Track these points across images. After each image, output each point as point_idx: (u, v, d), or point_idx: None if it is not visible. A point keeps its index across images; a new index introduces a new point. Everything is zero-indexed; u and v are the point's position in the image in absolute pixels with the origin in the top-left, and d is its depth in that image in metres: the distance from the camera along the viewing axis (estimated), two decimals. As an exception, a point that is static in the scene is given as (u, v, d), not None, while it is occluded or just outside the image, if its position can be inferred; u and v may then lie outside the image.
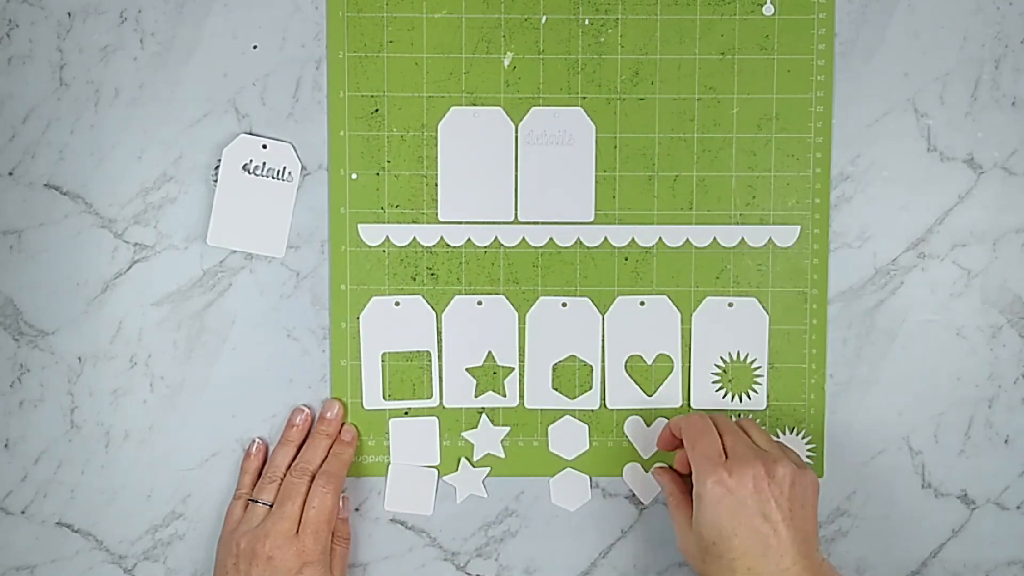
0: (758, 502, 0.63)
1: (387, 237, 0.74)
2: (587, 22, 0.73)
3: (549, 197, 0.74)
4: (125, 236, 0.74)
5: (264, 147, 0.73)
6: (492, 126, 0.73)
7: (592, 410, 0.75)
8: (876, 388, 0.75)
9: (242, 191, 0.73)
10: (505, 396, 0.75)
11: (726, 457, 0.65)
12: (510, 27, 0.73)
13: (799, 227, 0.74)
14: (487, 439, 0.75)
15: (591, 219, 0.74)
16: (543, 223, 0.74)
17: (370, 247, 0.74)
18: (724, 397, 0.75)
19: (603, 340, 0.75)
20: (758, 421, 0.75)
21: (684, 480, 0.71)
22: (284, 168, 0.73)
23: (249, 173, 0.73)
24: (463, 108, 0.73)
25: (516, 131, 0.74)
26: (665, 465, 0.74)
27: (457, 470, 0.75)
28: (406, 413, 0.75)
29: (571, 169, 0.73)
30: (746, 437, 0.67)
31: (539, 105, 0.73)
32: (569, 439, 0.75)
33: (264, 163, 0.73)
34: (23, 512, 0.75)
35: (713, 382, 0.75)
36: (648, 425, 0.75)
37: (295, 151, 0.73)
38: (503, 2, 0.73)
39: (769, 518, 0.63)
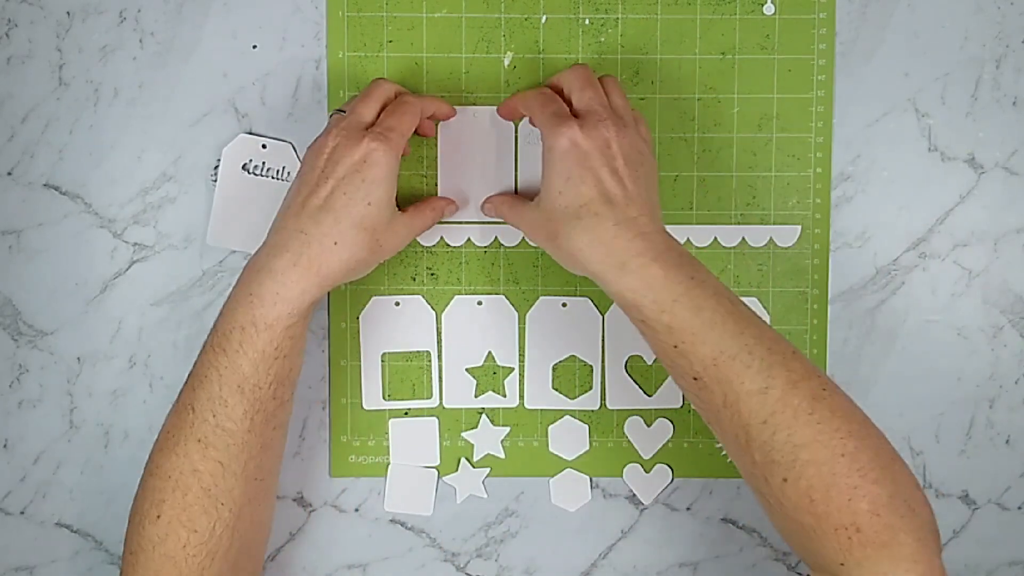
0: (606, 157, 0.61)
1: (387, 237, 0.74)
2: (587, 22, 0.73)
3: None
4: (125, 236, 0.74)
5: (264, 147, 0.73)
6: (492, 126, 0.73)
7: (592, 410, 0.75)
8: (876, 388, 0.75)
9: (242, 191, 0.73)
10: (505, 396, 0.75)
11: (575, 115, 0.63)
12: (510, 27, 0.73)
13: (799, 227, 0.74)
14: (487, 439, 0.75)
15: None
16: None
17: (370, 247, 0.74)
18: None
19: (603, 340, 0.75)
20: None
21: (509, 194, 0.72)
22: (284, 168, 0.73)
23: (249, 173, 0.73)
24: (463, 107, 0.73)
25: (516, 131, 0.73)
26: (487, 198, 0.73)
27: (457, 470, 0.75)
28: (406, 413, 0.75)
29: None
30: (603, 95, 0.65)
31: (539, 105, 0.73)
32: (569, 439, 0.75)
33: (264, 163, 0.73)
34: (23, 512, 0.75)
35: (713, 382, 0.75)
36: (648, 425, 0.75)
37: (295, 151, 0.73)
38: (503, 2, 0.73)
39: (616, 172, 0.61)
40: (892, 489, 0.56)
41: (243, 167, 0.73)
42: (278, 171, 0.73)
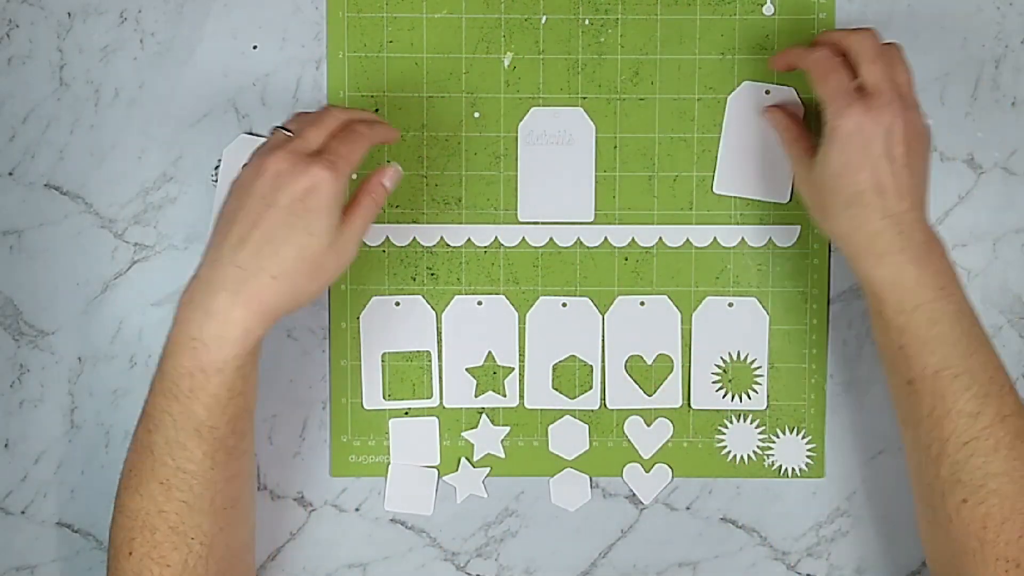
0: (888, 144, 0.61)
1: (387, 237, 0.74)
2: (587, 22, 0.73)
3: (549, 197, 0.74)
4: (125, 236, 0.74)
5: None
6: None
7: (592, 410, 0.75)
8: (876, 388, 0.75)
9: None
10: (505, 396, 0.75)
11: (862, 90, 0.62)
12: (510, 27, 0.73)
13: (799, 227, 0.74)
14: (487, 439, 0.75)
15: (591, 219, 0.74)
16: (543, 223, 0.74)
17: (370, 247, 0.74)
18: (724, 397, 0.75)
19: (603, 340, 0.75)
20: (757, 421, 0.75)
21: (799, 125, 0.70)
22: None
23: None
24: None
25: (516, 131, 0.74)
26: (776, 105, 0.72)
27: (457, 470, 0.75)
28: (406, 413, 0.75)
29: (571, 169, 0.73)
30: (886, 70, 0.63)
31: (539, 105, 0.73)
32: (569, 439, 0.75)
33: None
34: (23, 512, 0.75)
35: (713, 382, 0.75)
36: (648, 425, 0.75)
37: None
38: (503, 2, 0.73)
39: (895, 160, 0.61)
40: None
41: (243, 167, 0.73)
42: None
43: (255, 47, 0.74)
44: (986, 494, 0.59)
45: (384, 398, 0.75)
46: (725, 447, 0.75)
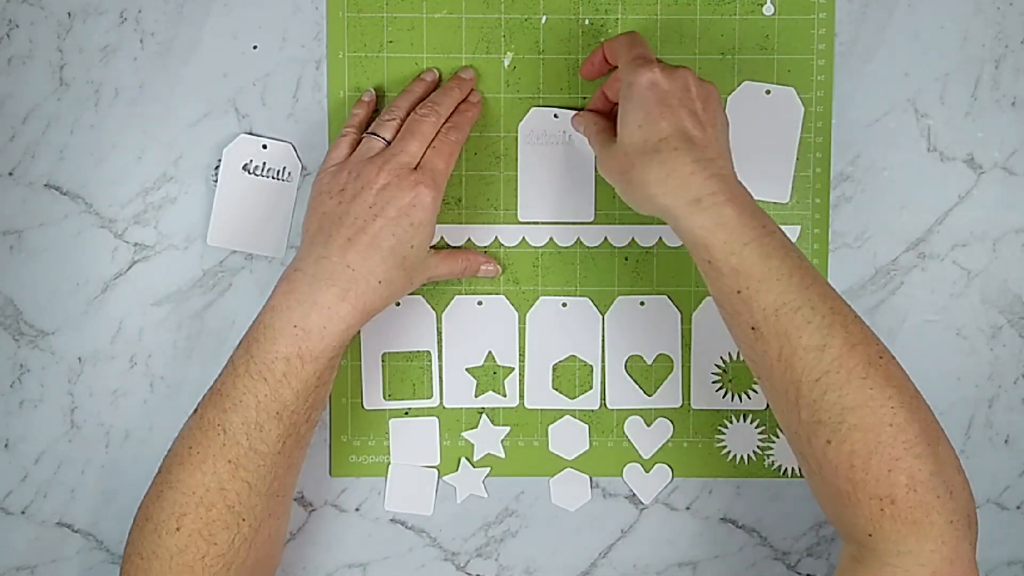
0: (685, 100, 0.61)
1: (387, 237, 0.74)
2: (587, 22, 0.73)
3: (549, 197, 0.74)
4: (125, 236, 0.74)
5: (264, 147, 0.73)
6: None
7: (592, 410, 0.75)
8: (876, 388, 0.75)
9: (242, 191, 0.73)
10: (505, 396, 0.75)
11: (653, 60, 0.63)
12: (510, 27, 0.73)
13: (799, 227, 0.74)
14: (487, 439, 0.75)
15: (591, 219, 0.74)
16: (543, 223, 0.74)
17: (370, 247, 0.74)
18: (724, 397, 0.75)
19: (603, 340, 0.75)
20: (757, 421, 0.75)
21: (604, 117, 0.69)
22: (284, 168, 0.73)
23: (249, 173, 0.73)
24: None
25: (517, 131, 0.73)
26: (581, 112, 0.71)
27: (457, 470, 0.75)
28: (406, 413, 0.75)
29: (571, 169, 0.73)
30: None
31: (539, 105, 0.73)
32: (569, 439, 0.75)
33: (264, 163, 0.73)
34: (23, 512, 0.75)
35: (713, 382, 0.75)
36: (648, 425, 0.75)
37: (295, 151, 0.73)
38: (503, 2, 0.73)
39: (696, 115, 0.61)
40: (933, 467, 0.56)
41: (243, 167, 0.73)
42: (278, 171, 0.73)
43: (255, 47, 0.74)
44: (847, 430, 0.56)
45: (384, 398, 0.75)
46: (725, 447, 0.75)
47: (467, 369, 0.75)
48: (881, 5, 0.74)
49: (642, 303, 0.74)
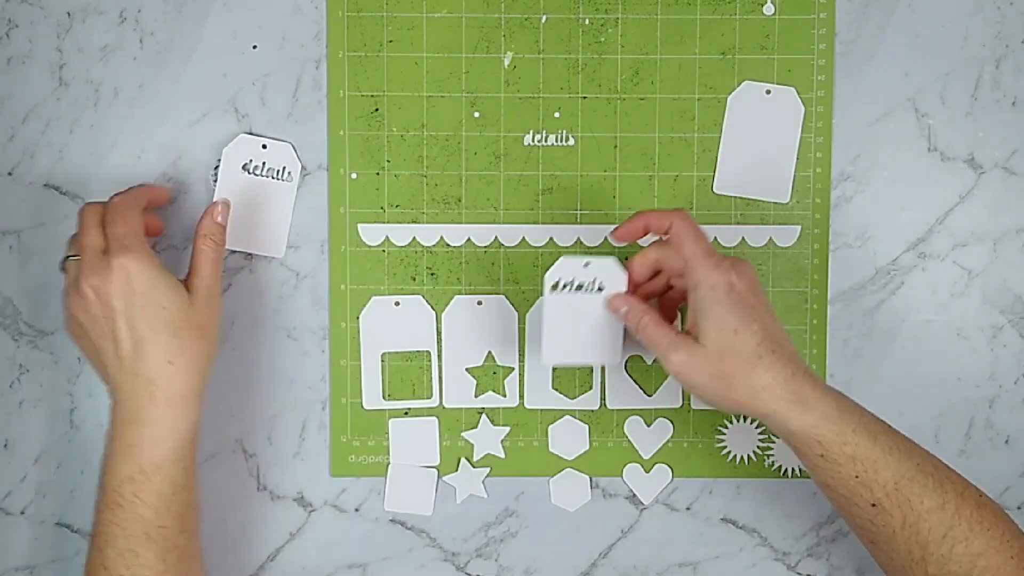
0: (760, 297, 0.63)
1: (387, 237, 0.74)
2: (587, 22, 0.73)
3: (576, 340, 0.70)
4: (125, 236, 0.74)
5: (264, 147, 0.73)
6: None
7: (592, 410, 0.75)
8: (876, 388, 0.75)
9: (242, 191, 0.73)
10: (505, 396, 0.75)
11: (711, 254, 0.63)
12: (510, 27, 0.73)
13: (799, 227, 0.74)
14: (487, 439, 0.75)
15: (617, 360, 0.71)
16: (543, 223, 0.74)
17: (370, 247, 0.74)
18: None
19: (603, 340, 0.75)
20: (757, 422, 0.75)
21: (656, 309, 0.68)
22: (284, 168, 0.73)
23: (249, 173, 0.73)
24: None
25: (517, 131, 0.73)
26: (619, 296, 0.66)
27: (457, 470, 0.75)
28: (406, 413, 0.75)
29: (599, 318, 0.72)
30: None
31: (539, 105, 0.73)
32: (569, 439, 0.75)
33: (264, 163, 0.73)
34: (23, 512, 0.75)
35: (713, 382, 0.75)
36: (648, 425, 0.75)
37: (295, 151, 0.73)
38: (503, 2, 0.73)
39: (769, 310, 0.63)
40: None
41: (243, 167, 0.73)
42: (278, 171, 0.73)
43: (255, 47, 0.74)
44: (979, 573, 0.60)
45: (384, 398, 0.75)
46: (725, 447, 0.75)
47: (467, 369, 0.75)
48: (881, 5, 0.74)
49: (642, 303, 0.74)
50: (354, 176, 0.74)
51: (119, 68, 0.73)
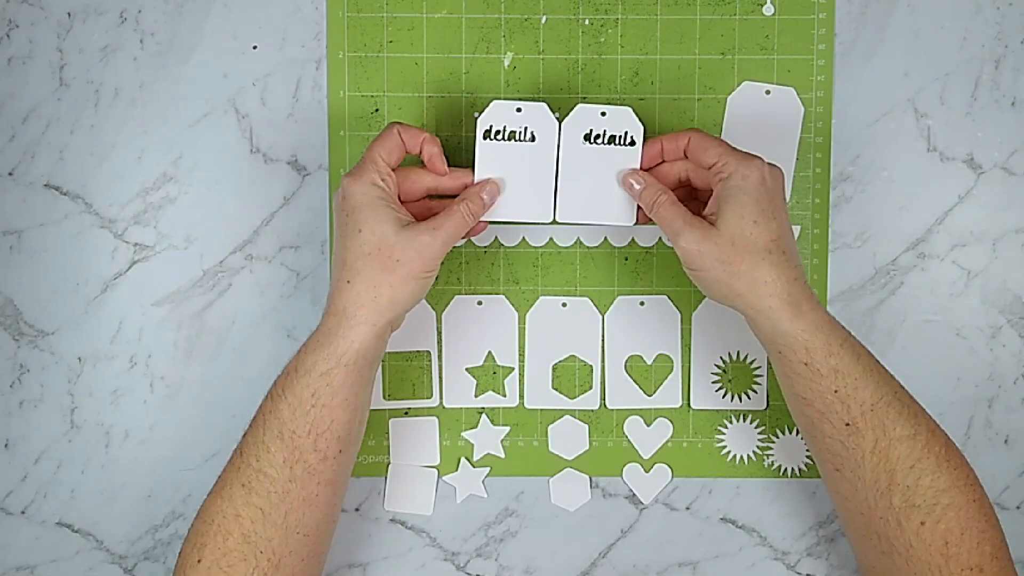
0: (783, 199, 0.64)
1: (387, 237, 0.74)
2: (587, 22, 0.73)
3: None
4: (125, 236, 0.74)
5: (519, 110, 0.67)
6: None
7: (592, 410, 0.75)
8: (876, 388, 0.75)
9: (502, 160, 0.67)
10: (505, 396, 0.75)
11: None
12: (510, 27, 0.73)
13: (799, 227, 0.74)
14: (487, 439, 0.75)
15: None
16: (543, 223, 0.74)
17: (370, 247, 0.74)
18: (724, 397, 0.75)
19: (603, 340, 0.75)
20: (757, 421, 0.75)
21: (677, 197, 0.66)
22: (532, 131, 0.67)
23: (504, 139, 0.67)
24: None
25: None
26: (641, 172, 0.67)
27: (457, 470, 0.75)
28: (406, 413, 0.75)
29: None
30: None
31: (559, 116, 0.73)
32: (569, 439, 0.75)
33: (524, 127, 0.67)
34: (23, 512, 0.75)
35: (713, 382, 0.75)
36: (648, 425, 0.75)
37: (549, 110, 0.73)
38: (503, 2, 0.73)
39: (787, 212, 0.64)
40: (1002, 533, 0.62)
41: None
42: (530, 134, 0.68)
43: (255, 47, 0.74)
44: (942, 511, 0.61)
45: (384, 398, 0.75)
46: (725, 447, 0.75)
47: (467, 369, 0.75)
48: (881, 5, 0.74)
49: (642, 303, 0.75)
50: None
51: (119, 68, 0.73)
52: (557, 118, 0.67)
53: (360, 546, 0.76)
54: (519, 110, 0.67)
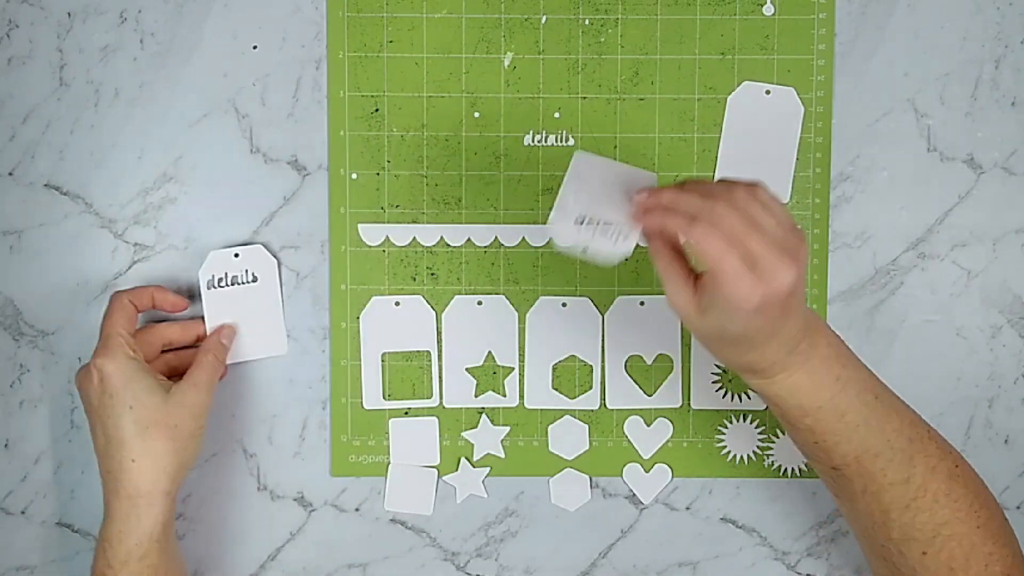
0: (785, 307, 0.55)
1: (387, 237, 0.74)
2: (587, 22, 0.73)
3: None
4: (125, 236, 0.74)
5: (236, 256, 0.73)
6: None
7: (592, 410, 0.75)
8: (876, 388, 0.75)
9: (229, 304, 0.73)
10: (505, 396, 0.75)
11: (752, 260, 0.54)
12: (510, 27, 0.73)
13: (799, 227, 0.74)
14: (487, 439, 0.75)
15: None
16: (543, 223, 0.74)
17: (370, 247, 0.74)
18: (724, 397, 0.75)
19: (603, 340, 0.75)
20: (757, 421, 0.75)
21: (678, 252, 0.58)
22: (253, 271, 0.73)
23: (227, 286, 0.73)
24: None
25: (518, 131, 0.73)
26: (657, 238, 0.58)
27: (457, 470, 0.75)
28: (406, 413, 0.75)
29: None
30: (768, 219, 0.54)
31: (539, 105, 0.73)
32: (569, 439, 0.75)
33: (244, 270, 0.73)
34: (23, 512, 0.75)
35: (713, 382, 0.75)
36: (648, 425, 0.75)
37: (266, 250, 0.73)
38: (503, 2, 0.73)
39: (795, 307, 0.55)
40: (1015, 548, 0.61)
41: (218, 282, 0.73)
42: (252, 275, 0.73)
43: (255, 47, 0.74)
44: (942, 541, 0.59)
45: (384, 398, 0.75)
46: (725, 447, 0.75)
47: (467, 369, 0.75)
48: (881, 5, 0.74)
49: (642, 303, 0.75)
50: (354, 176, 0.74)
51: (119, 68, 0.73)
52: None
53: (360, 546, 0.76)
54: (237, 255, 0.72)
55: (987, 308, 0.75)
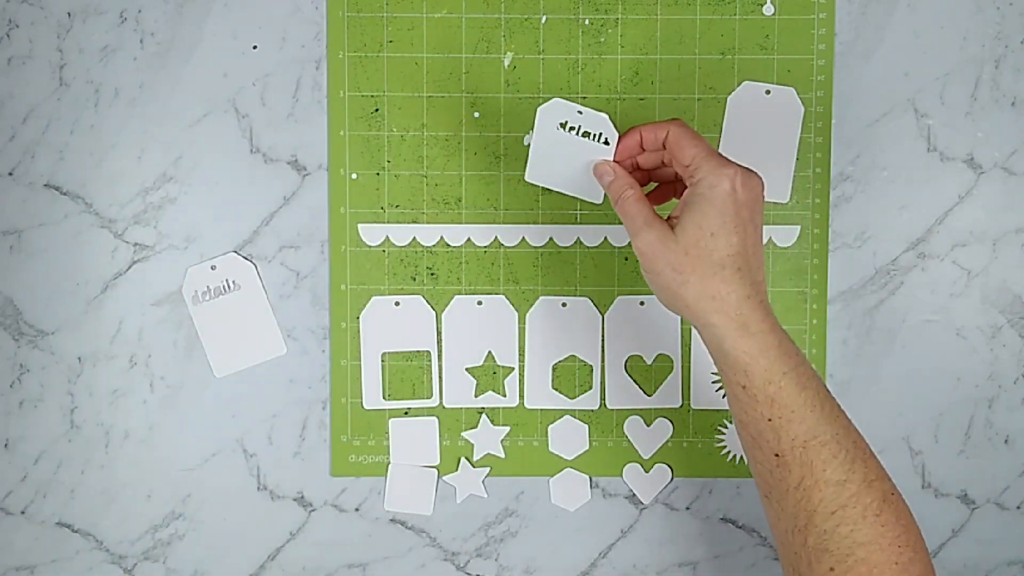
0: (755, 213, 0.60)
1: (387, 237, 0.74)
2: (587, 22, 0.73)
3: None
4: (125, 236, 0.74)
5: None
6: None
7: (592, 410, 0.75)
8: (876, 388, 0.75)
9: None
10: (505, 396, 0.75)
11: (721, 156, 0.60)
12: (510, 27, 0.73)
13: (799, 227, 0.74)
14: (487, 439, 0.75)
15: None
16: (543, 223, 0.74)
17: (370, 247, 0.74)
18: (724, 397, 0.75)
19: (603, 340, 0.75)
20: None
21: (635, 184, 0.64)
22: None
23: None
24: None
25: (517, 130, 0.73)
26: (604, 163, 0.65)
27: (457, 470, 0.75)
28: (406, 413, 0.75)
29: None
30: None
31: (539, 105, 0.73)
32: (569, 439, 0.75)
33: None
34: (23, 512, 0.75)
35: (713, 382, 0.75)
36: (648, 425, 0.75)
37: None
38: (503, 2, 0.73)
39: (757, 230, 0.60)
40: None
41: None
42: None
43: (255, 47, 0.74)
44: (854, 562, 0.58)
45: (384, 398, 0.75)
46: (725, 447, 0.75)
47: (467, 369, 0.75)
48: (881, 5, 0.74)
49: (642, 303, 0.75)
50: (354, 176, 0.74)
51: (119, 68, 0.73)
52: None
53: (360, 546, 0.76)
54: (214, 267, 0.72)
55: (987, 308, 0.75)
